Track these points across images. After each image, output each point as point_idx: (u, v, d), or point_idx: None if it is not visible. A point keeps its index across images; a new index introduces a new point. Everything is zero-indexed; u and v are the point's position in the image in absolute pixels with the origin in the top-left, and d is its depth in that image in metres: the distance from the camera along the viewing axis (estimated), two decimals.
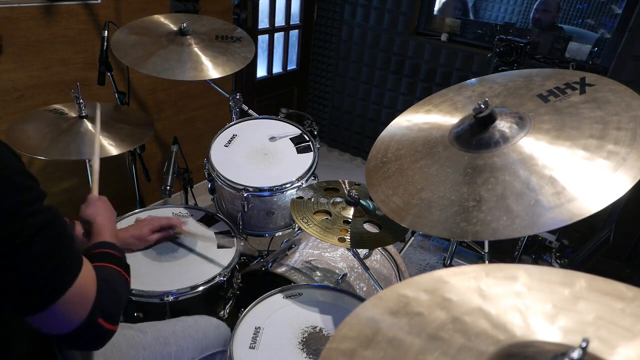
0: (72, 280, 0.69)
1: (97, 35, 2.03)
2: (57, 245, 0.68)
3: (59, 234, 0.69)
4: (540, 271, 0.59)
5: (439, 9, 3.18)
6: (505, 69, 2.22)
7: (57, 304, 0.67)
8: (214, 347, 1.16)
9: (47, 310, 0.67)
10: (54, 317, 0.69)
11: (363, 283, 1.55)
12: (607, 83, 0.96)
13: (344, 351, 0.50)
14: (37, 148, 1.42)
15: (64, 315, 0.69)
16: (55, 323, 0.70)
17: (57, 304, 0.67)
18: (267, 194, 1.56)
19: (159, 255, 1.37)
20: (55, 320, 0.69)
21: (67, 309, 0.69)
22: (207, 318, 1.21)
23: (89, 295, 0.72)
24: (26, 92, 1.89)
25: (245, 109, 1.97)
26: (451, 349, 0.50)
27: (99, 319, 0.73)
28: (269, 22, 3.10)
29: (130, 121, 1.65)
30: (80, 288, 0.70)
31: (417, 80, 3.14)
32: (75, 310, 0.71)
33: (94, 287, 0.74)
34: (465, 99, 1.16)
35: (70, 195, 2.16)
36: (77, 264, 0.72)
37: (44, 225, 0.66)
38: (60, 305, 0.68)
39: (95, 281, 0.75)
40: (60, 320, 0.70)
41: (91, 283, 0.74)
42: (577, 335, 0.50)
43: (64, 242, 0.70)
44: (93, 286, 0.74)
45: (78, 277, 0.70)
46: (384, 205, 0.99)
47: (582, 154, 0.84)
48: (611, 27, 2.74)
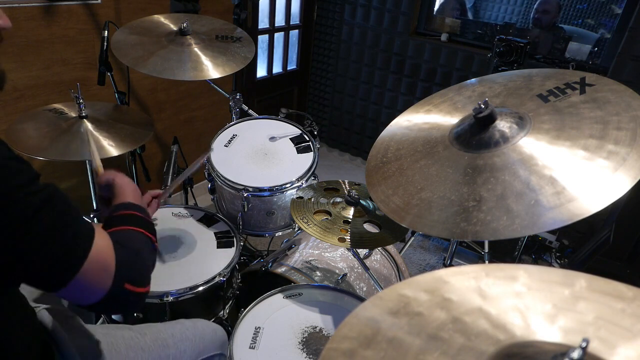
0: (86, 253, 0.69)
1: (97, 35, 2.03)
2: (61, 221, 0.68)
3: (61, 210, 0.68)
4: (540, 271, 0.59)
5: (438, 10, 3.18)
6: (505, 69, 2.22)
7: (76, 278, 0.67)
8: (211, 351, 1.16)
9: (69, 285, 0.67)
10: (78, 290, 0.69)
11: (363, 283, 1.55)
12: (607, 83, 0.96)
13: (344, 351, 0.50)
14: (37, 148, 1.42)
15: (87, 287, 0.70)
16: (81, 295, 0.71)
17: (77, 279, 0.68)
18: (267, 194, 1.56)
19: (158, 256, 1.37)
20: (80, 292, 0.70)
21: (89, 281, 0.69)
22: (205, 322, 1.21)
23: (108, 264, 0.72)
24: (26, 92, 1.89)
25: (245, 109, 1.97)
26: (451, 349, 0.50)
27: (126, 285, 0.73)
28: (269, 22, 3.10)
29: (130, 121, 1.65)
30: (97, 259, 0.70)
31: (417, 80, 3.14)
32: (97, 282, 0.71)
33: (111, 255, 0.73)
34: (465, 99, 1.16)
35: (71, 195, 2.15)
36: (87, 235, 0.71)
37: (43, 204, 0.65)
38: (80, 279, 0.68)
39: (112, 249, 0.74)
40: (84, 292, 0.70)
41: (108, 252, 0.73)
42: (577, 335, 0.50)
43: (68, 217, 0.69)
44: (111, 254, 0.73)
45: (92, 249, 0.70)
46: (384, 205, 0.99)
47: (582, 154, 0.84)
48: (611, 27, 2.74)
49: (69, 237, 0.68)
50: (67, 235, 0.68)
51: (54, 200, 0.68)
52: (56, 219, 0.67)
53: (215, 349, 1.17)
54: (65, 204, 0.70)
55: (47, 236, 0.65)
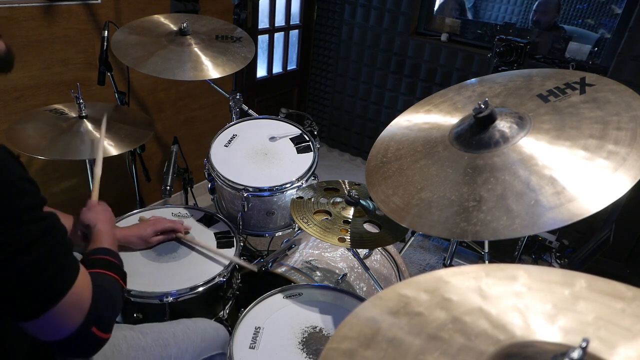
0: (69, 287, 0.69)
1: (97, 35, 2.03)
2: (55, 252, 0.68)
3: (58, 241, 0.69)
4: (540, 271, 0.59)
5: (438, 10, 3.18)
6: (505, 69, 2.22)
7: (52, 310, 0.67)
8: (213, 350, 1.16)
9: (42, 317, 0.67)
10: (48, 324, 0.69)
11: (363, 283, 1.55)
12: (607, 83, 0.96)
13: (344, 351, 0.50)
14: (37, 148, 1.42)
15: (59, 322, 0.69)
16: (49, 329, 0.70)
17: (53, 311, 0.67)
18: (267, 194, 1.56)
19: (158, 256, 1.37)
20: (50, 326, 0.69)
21: (63, 316, 0.69)
22: (206, 321, 1.21)
23: (85, 302, 0.72)
24: (26, 92, 1.89)
25: (245, 109, 1.97)
26: (451, 349, 0.50)
27: (93, 327, 0.73)
28: (269, 22, 3.10)
29: (130, 121, 1.65)
30: (77, 295, 0.70)
31: (417, 80, 3.14)
32: (70, 317, 0.70)
33: (89, 294, 0.74)
34: (465, 99, 1.16)
35: (70, 195, 2.16)
36: (74, 271, 0.71)
37: (43, 232, 0.66)
38: (55, 312, 0.68)
39: (91, 288, 0.74)
40: (54, 326, 0.70)
41: (87, 290, 0.73)
42: (577, 335, 0.50)
43: (62, 249, 0.70)
44: (89, 293, 0.73)
45: (74, 284, 0.70)
46: (384, 205, 0.99)
47: (582, 154, 0.84)
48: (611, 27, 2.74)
49: (57, 270, 0.68)
50: (56, 267, 0.68)
51: (53, 231, 0.68)
52: (51, 250, 0.67)
53: (217, 348, 1.18)
54: (62, 237, 0.70)
55: (38, 265, 0.65)
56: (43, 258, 0.65)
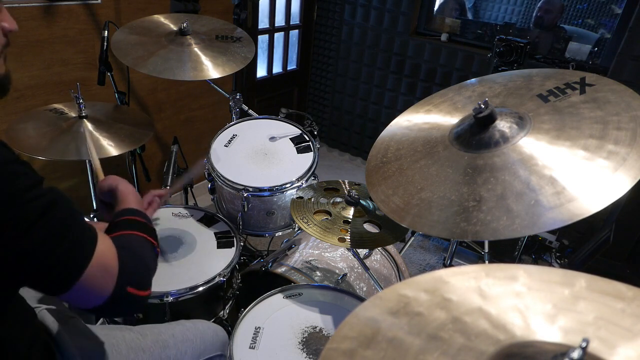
0: (89, 257, 0.69)
1: (97, 35, 2.03)
2: (64, 225, 0.68)
3: (64, 214, 0.69)
4: (540, 271, 0.59)
5: (438, 10, 3.18)
6: (505, 69, 2.22)
7: (79, 282, 0.68)
8: (212, 352, 1.16)
9: (72, 289, 0.68)
10: (81, 294, 0.70)
11: (363, 283, 1.55)
12: (607, 83, 0.96)
13: (344, 351, 0.50)
14: (37, 148, 1.42)
15: (90, 290, 0.70)
16: (84, 298, 0.71)
17: (80, 282, 0.68)
18: (267, 194, 1.56)
19: (160, 255, 1.36)
20: (84, 296, 0.70)
21: (92, 285, 0.70)
22: (206, 322, 1.21)
23: (111, 268, 0.73)
24: (26, 92, 1.89)
25: (245, 109, 1.97)
26: (451, 349, 0.50)
27: (128, 288, 0.74)
28: (269, 22, 3.10)
29: (130, 121, 1.65)
30: (100, 263, 0.71)
31: (417, 80, 3.14)
32: (100, 285, 0.71)
33: (114, 259, 0.74)
34: (465, 99, 1.16)
35: (70, 195, 2.15)
36: (90, 240, 0.71)
37: (46, 209, 0.65)
38: (83, 282, 0.68)
39: (115, 253, 0.74)
40: (87, 295, 0.71)
41: (111, 256, 0.74)
42: (577, 335, 0.50)
43: (71, 221, 0.70)
44: (114, 259, 0.74)
45: (95, 253, 0.70)
46: (384, 205, 0.99)
47: (582, 154, 0.84)
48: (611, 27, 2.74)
49: (72, 242, 0.68)
50: (70, 239, 0.68)
51: (57, 204, 0.68)
52: (59, 223, 0.67)
53: (216, 350, 1.18)
54: (69, 209, 0.70)
55: (50, 241, 0.65)
56: (53, 233, 0.66)
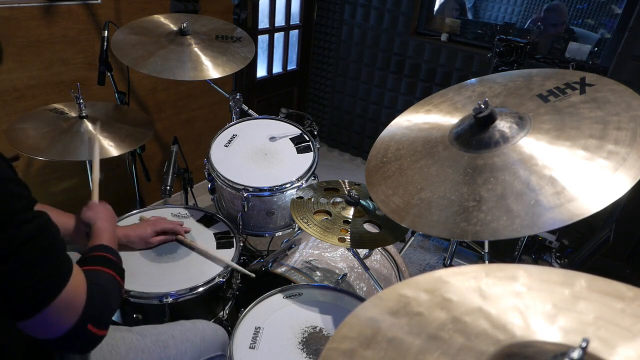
0: (62, 287, 0.69)
1: (97, 35, 2.03)
2: (48, 252, 0.68)
3: (50, 241, 0.69)
4: (540, 271, 0.59)
5: (438, 10, 3.17)
6: (505, 69, 2.22)
7: (46, 310, 0.67)
8: (212, 351, 1.16)
9: (37, 316, 0.67)
10: (43, 323, 0.69)
11: (363, 283, 1.55)
12: (607, 83, 0.96)
13: (344, 351, 0.50)
14: (37, 148, 1.42)
15: (54, 320, 0.70)
16: (44, 328, 0.70)
17: (47, 310, 0.67)
18: (267, 194, 1.56)
19: (158, 257, 1.37)
20: (45, 325, 0.70)
21: (57, 315, 0.69)
22: (206, 322, 1.21)
23: (79, 301, 0.73)
24: (26, 92, 1.89)
25: (245, 109, 1.97)
26: (451, 349, 0.50)
27: (89, 325, 0.74)
28: (269, 22, 3.10)
29: (130, 121, 1.65)
30: (70, 294, 0.70)
31: (417, 80, 3.14)
32: (64, 316, 0.71)
33: (84, 293, 0.74)
34: (465, 99, 1.16)
35: (70, 195, 2.16)
36: (67, 270, 0.72)
37: (35, 233, 0.66)
38: (49, 311, 0.68)
39: (85, 287, 0.74)
40: (49, 325, 0.70)
41: (81, 289, 0.74)
42: (577, 335, 0.50)
43: (54, 249, 0.70)
44: (83, 292, 0.74)
45: (68, 284, 0.70)
46: (384, 205, 0.99)
47: (582, 154, 0.84)
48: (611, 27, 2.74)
49: (50, 270, 0.68)
50: (49, 267, 0.68)
51: (45, 231, 0.68)
52: (43, 250, 0.67)
53: (216, 350, 1.17)
54: (54, 237, 0.70)
55: (31, 266, 0.65)
56: (35, 259, 0.66)
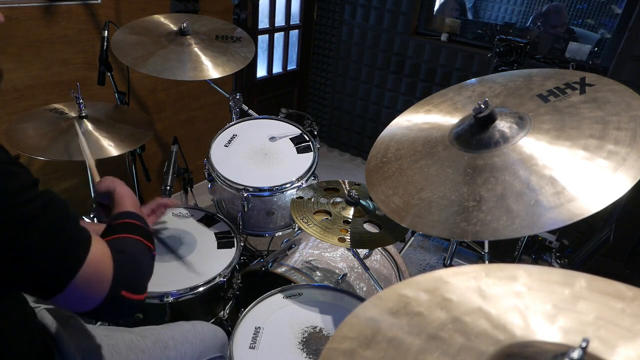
0: (82, 260, 0.69)
1: (97, 35, 2.03)
2: (58, 228, 0.67)
3: (58, 216, 0.68)
4: (540, 271, 0.59)
5: (438, 10, 3.17)
6: (505, 69, 2.22)
7: (72, 284, 0.67)
8: (212, 353, 1.16)
9: (65, 292, 0.67)
10: (73, 297, 0.69)
11: (363, 283, 1.55)
12: (607, 83, 0.96)
13: (344, 351, 0.50)
14: (37, 148, 1.42)
15: (83, 293, 0.70)
16: (77, 302, 0.70)
17: (73, 285, 0.67)
18: (267, 194, 1.56)
19: (158, 256, 1.37)
20: (76, 299, 0.70)
21: (85, 288, 0.69)
22: (205, 324, 1.21)
23: (105, 271, 0.72)
24: (26, 92, 1.89)
25: (245, 109, 1.97)
26: (451, 349, 0.50)
27: (122, 292, 0.73)
28: (269, 22, 3.10)
29: (130, 121, 1.65)
30: (94, 266, 0.70)
31: (417, 80, 3.14)
32: (94, 288, 0.70)
33: (109, 262, 0.73)
34: (465, 99, 1.16)
35: (70, 195, 2.16)
36: (84, 243, 0.71)
37: (40, 211, 0.65)
38: (76, 285, 0.68)
39: (110, 257, 0.74)
40: (80, 299, 0.70)
41: (105, 259, 0.73)
42: (577, 335, 0.50)
43: (65, 224, 0.69)
44: (108, 262, 0.73)
45: (88, 256, 0.70)
46: (384, 205, 0.99)
47: (582, 154, 0.84)
48: (611, 27, 2.74)
49: (65, 244, 0.68)
50: (63, 242, 0.68)
51: (51, 206, 0.67)
52: (53, 225, 0.67)
53: (216, 351, 1.17)
54: (63, 211, 0.70)
55: (44, 243, 0.65)
56: (46, 235, 0.65)
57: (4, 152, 0.66)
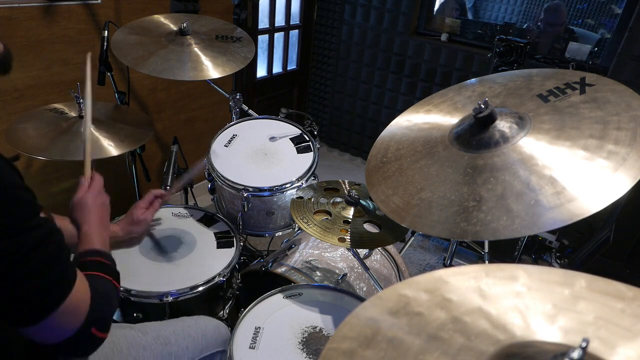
0: (68, 292, 0.69)
1: (97, 35, 2.03)
2: (54, 259, 0.68)
3: (56, 248, 0.69)
4: (540, 271, 0.59)
5: (438, 10, 3.17)
6: (505, 69, 2.22)
7: (52, 316, 0.67)
8: (214, 347, 1.16)
9: (41, 323, 0.67)
10: (48, 328, 0.69)
11: (363, 283, 1.55)
12: (607, 83, 0.96)
13: (344, 351, 0.50)
14: (37, 148, 1.42)
15: (59, 326, 0.70)
16: (49, 333, 0.70)
17: (53, 316, 0.67)
18: (267, 194, 1.56)
19: (158, 256, 1.37)
20: (50, 331, 0.70)
21: (62, 320, 0.69)
22: (207, 318, 1.22)
23: (83, 306, 0.73)
24: (26, 92, 1.89)
25: (245, 109, 1.97)
26: (451, 349, 0.50)
27: (92, 329, 0.74)
28: (269, 22, 3.10)
29: (130, 121, 1.65)
30: (75, 300, 0.71)
31: (417, 80, 3.14)
32: (70, 321, 0.71)
33: (87, 298, 0.74)
34: (465, 99, 1.16)
35: (70, 195, 2.15)
36: (72, 276, 0.72)
37: (42, 240, 0.66)
38: (55, 317, 0.68)
39: (89, 292, 0.74)
40: (54, 330, 0.70)
41: (85, 294, 0.74)
42: (577, 335, 0.50)
43: (60, 255, 0.70)
44: (87, 297, 0.74)
45: (73, 289, 0.70)
46: (384, 205, 0.99)
47: (582, 154, 0.84)
48: (611, 27, 2.74)
49: (56, 276, 0.68)
50: (55, 273, 0.68)
51: (50, 238, 0.68)
52: (50, 256, 0.67)
53: (218, 346, 1.18)
54: (59, 243, 0.70)
55: (37, 273, 0.65)
56: (41, 265, 0.65)
57: (18, 175, 0.66)
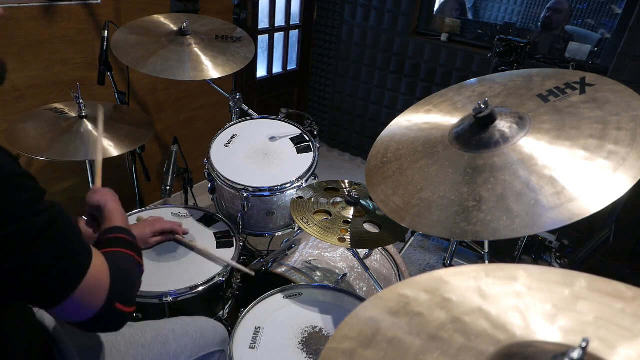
0: (84, 272, 0.71)
1: (97, 35, 2.03)
2: (64, 241, 0.69)
3: (65, 229, 0.70)
4: (540, 271, 0.59)
5: (438, 10, 3.17)
6: (505, 69, 2.22)
7: (72, 296, 0.69)
8: (212, 347, 1.17)
9: (64, 303, 0.69)
10: (71, 308, 0.71)
11: (363, 283, 1.55)
12: (607, 83, 0.96)
13: (344, 351, 0.50)
14: (37, 148, 1.42)
15: (81, 305, 0.72)
16: (73, 313, 0.72)
17: (73, 297, 0.69)
18: (267, 194, 1.56)
19: (158, 256, 1.37)
20: (74, 310, 0.72)
21: (84, 300, 0.71)
22: (205, 319, 1.22)
23: (103, 284, 0.74)
24: (26, 92, 1.89)
25: (245, 109, 1.97)
26: (451, 349, 0.50)
27: (116, 304, 0.76)
28: (269, 22, 3.10)
29: (130, 121, 1.65)
30: (94, 279, 0.72)
31: (417, 80, 3.14)
32: (91, 300, 0.72)
33: (107, 275, 0.75)
34: (465, 99, 1.16)
35: (70, 195, 2.16)
36: (86, 256, 0.73)
37: (49, 223, 0.67)
38: (75, 297, 0.70)
39: (108, 270, 0.76)
40: (78, 310, 0.72)
41: (104, 272, 0.75)
42: (577, 335, 0.50)
43: (71, 237, 0.71)
44: (106, 275, 0.75)
45: (90, 269, 0.72)
46: (384, 205, 0.99)
47: (582, 154, 0.84)
48: (611, 27, 2.74)
49: (70, 257, 0.70)
50: (68, 255, 0.69)
51: (58, 220, 0.69)
52: (59, 239, 0.68)
53: (216, 346, 1.18)
54: (68, 225, 0.71)
55: (51, 255, 0.67)
56: (53, 248, 0.67)
57: (17, 164, 0.67)
